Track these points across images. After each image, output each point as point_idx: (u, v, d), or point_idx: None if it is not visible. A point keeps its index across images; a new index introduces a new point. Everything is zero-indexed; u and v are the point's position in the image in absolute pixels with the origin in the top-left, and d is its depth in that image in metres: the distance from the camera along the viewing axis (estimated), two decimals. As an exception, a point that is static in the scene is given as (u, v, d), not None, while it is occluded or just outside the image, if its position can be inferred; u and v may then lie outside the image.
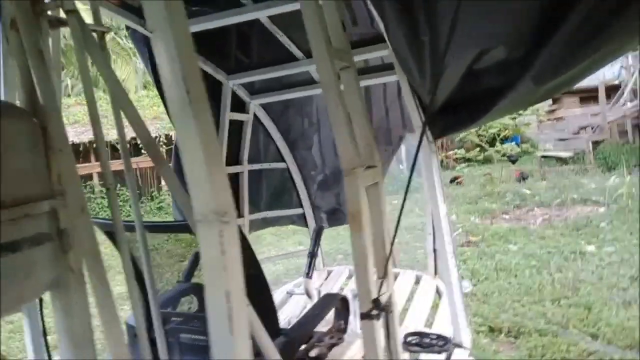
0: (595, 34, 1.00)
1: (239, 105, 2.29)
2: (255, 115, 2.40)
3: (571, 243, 4.96)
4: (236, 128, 2.31)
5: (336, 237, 5.58)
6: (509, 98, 1.37)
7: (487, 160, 10.47)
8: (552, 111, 11.93)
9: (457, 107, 1.72)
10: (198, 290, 1.55)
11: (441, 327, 2.09)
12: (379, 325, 0.99)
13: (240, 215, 2.36)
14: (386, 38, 1.40)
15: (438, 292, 2.50)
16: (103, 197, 9.08)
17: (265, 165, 2.50)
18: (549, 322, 3.11)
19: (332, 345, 1.35)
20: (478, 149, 9.44)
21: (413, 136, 2.40)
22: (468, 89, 1.56)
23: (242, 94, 2.27)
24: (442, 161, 12.52)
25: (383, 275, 1.10)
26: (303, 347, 1.35)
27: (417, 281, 2.63)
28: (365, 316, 0.97)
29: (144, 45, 1.82)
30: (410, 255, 5.13)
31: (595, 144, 10.23)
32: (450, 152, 11.10)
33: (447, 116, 1.84)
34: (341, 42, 1.07)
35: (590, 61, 1.15)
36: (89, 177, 9.52)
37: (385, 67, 1.98)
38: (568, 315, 3.19)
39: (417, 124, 1.84)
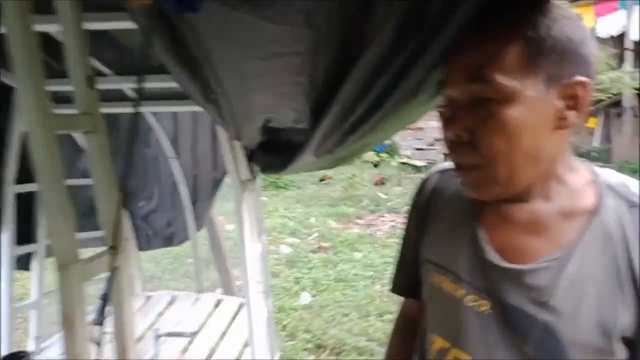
0: (360, 124, 1.00)
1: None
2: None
3: (408, 253, 5.40)
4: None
5: (164, 255, 5.28)
6: (301, 161, 1.35)
7: (353, 161, 10.95)
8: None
9: (275, 149, 1.67)
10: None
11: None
12: None
13: (32, 240, 2.03)
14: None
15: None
16: None
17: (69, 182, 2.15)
18: (370, 339, 3.31)
19: None
20: (342, 153, 9.82)
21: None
22: (274, 139, 1.51)
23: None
24: (312, 159, 12.87)
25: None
26: None
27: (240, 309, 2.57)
28: None
29: None
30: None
31: (446, 156, 11.40)
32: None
33: (268, 155, 1.78)
34: (84, 98, 0.91)
35: (362, 144, 1.17)
36: None
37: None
38: (388, 331, 3.43)
39: (228, 159, 1.74)
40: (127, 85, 1.73)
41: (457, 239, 0.74)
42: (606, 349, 0.60)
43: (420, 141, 12.91)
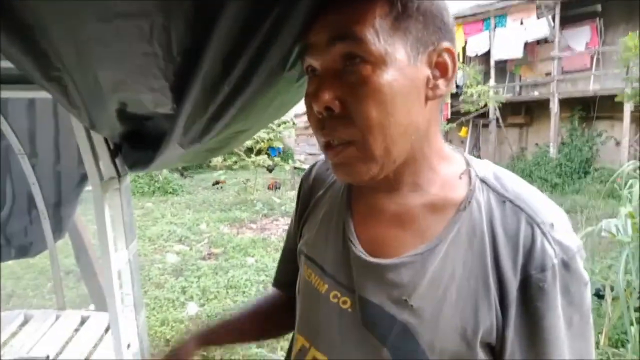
0: (226, 107, 0.90)
1: None
2: None
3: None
4: None
5: (25, 269, 4.69)
6: (167, 153, 1.19)
7: (247, 167, 10.80)
8: (307, 127, 13.20)
9: (142, 141, 1.48)
10: None
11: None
12: None
13: None
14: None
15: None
16: None
17: None
18: (260, 345, 3.19)
19: None
20: (235, 157, 9.62)
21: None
22: (142, 129, 1.33)
23: None
24: (202, 165, 12.38)
25: None
26: None
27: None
28: None
29: None
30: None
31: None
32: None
33: (136, 149, 1.58)
34: None
35: (234, 132, 1.07)
36: None
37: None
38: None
39: (86, 155, 1.51)
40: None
41: (328, 230, 0.69)
42: (467, 355, 0.56)
43: (313, 146, 13.17)
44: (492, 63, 12.80)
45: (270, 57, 0.70)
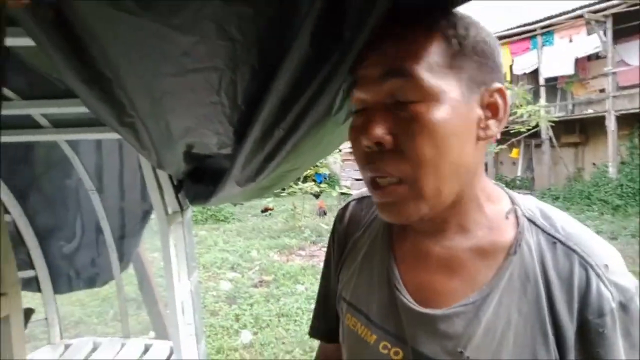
0: (278, 148, 0.96)
1: None
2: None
3: (350, 283, 5.36)
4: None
5: (90, 297, 4.92)
6: (226, 191, 1.27)
7: (294, 194, 10.93)
8: (352, 152, 13.26)
9: (203, 178, 1.58)
10: None
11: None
12: None
13: None
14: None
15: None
16: None
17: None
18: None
19: None
20: (282, 185, 9.79)
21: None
22: (203, 166, 1.42)
23: None
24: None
25: None
26: None
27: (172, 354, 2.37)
28: None
29: None
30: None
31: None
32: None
33: (197, 184, 1.68)
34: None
35: (285, 170, 1.13)
36: None
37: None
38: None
39: (153, 191, 1.62)
40: (36, 111, 1.58)
41: (371, 275, 0.67)
42: None
43: (359, 172, 13.17)
44: (541, 81, 12.43)
45: (321, 102, 0.75)
